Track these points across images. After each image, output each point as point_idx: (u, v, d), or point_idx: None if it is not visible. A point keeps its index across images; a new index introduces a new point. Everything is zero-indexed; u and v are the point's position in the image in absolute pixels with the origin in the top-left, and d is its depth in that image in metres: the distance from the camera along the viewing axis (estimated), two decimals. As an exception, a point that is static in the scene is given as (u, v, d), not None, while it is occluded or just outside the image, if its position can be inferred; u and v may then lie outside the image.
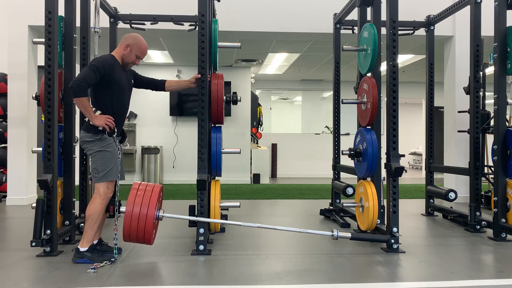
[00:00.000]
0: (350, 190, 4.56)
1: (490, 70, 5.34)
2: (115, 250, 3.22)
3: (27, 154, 5.89)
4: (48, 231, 3.30)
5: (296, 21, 6.20)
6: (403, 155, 3.89)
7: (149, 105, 9.25)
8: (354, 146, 4.06)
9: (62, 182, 3.71)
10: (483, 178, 4.81)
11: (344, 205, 4.20)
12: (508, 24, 4.03)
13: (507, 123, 4.28)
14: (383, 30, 3.86)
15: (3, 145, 6.30)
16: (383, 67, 3.94)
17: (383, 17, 3.87)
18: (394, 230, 3.53)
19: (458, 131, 5.57)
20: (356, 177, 4.26)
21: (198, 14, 3.63)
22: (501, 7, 4.01)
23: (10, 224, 4.96)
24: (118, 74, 3.27)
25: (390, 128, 3.64)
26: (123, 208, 3.15)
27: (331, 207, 5.34)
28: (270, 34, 6.48)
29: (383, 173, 3.83)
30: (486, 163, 5.72)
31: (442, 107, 6.66)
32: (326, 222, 4.92)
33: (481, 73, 4.64)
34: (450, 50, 6.43)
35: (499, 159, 4.01)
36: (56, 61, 3.43)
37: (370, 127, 3.93)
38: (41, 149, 3.48)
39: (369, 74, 4.02)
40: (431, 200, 5.35)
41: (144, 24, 5.29)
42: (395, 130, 3.63)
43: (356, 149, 3.99)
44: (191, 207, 3.58)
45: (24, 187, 5.92)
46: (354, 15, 4.62)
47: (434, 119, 5.45)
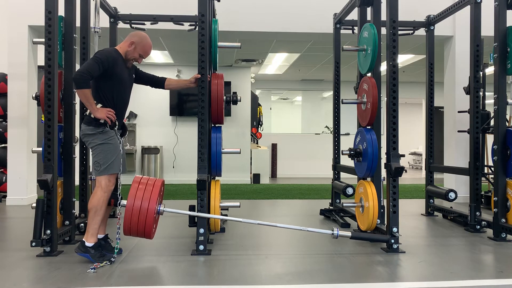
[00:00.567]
0: (350, 190, 4.56)
1: (490, 70, 5.34)
2: (116, 250, 3.22)
3: (27, 154, 5.89)
4: (48, 231, 3.30)
5: (296, 21, 6.20)
6: (403, 155, 3.89)
7: (149, 105, 9.25)
8: (354, 146, 4.06)
9: (62, 182, 3.71)
10: (483, 178, 4.81)
11: (344, 205, 4.20)
12: (508, 24, 4.03)
13: (507, 123, 4.28)
14: (383, 30, 3.86)
15: (3, 145, 6.30)
16: (383, 67, 3.94)
17: (383, 17, 3.87)
18: (394, 230, 3.53)
19: (458, 131, 5.57)
20: (356, 177, 4.26)
21: (198, 14, 3.63)
22: (501, 7, 4.01)
23: (10, 224, 4.96)
24: (120, 69, 3.29)
25: (390, 128, 3.64)
26: (124, 201, 3.16)
27: (331, 207, 5.34)
28: (270, 34, 6.48)
29: (383, 173, 3.83)
30: (486, 163, 5.73)
31: (442, 107, 6.66)
32: (326, 222, 4.92)
33: (481, 73, 4.63)
34: (450, 50, 6.43)
35: (499, 159, 4.01)
36: (56, 61, 3.43)
37: (370, 127, 3.93)
38: (41, 149, 3.48)
39: (369, 74, 4.02)
40: (431, 200, 5.35)
41: (144, 24, 5.28)
42: (395, 130, 3.63)
43: (356, 149, 3.99)
44: (191, 207, 3.58)
45: (24, 187, 5.92)
46: (354, 15, 4.62)
47: (434, 119, 5.45)
